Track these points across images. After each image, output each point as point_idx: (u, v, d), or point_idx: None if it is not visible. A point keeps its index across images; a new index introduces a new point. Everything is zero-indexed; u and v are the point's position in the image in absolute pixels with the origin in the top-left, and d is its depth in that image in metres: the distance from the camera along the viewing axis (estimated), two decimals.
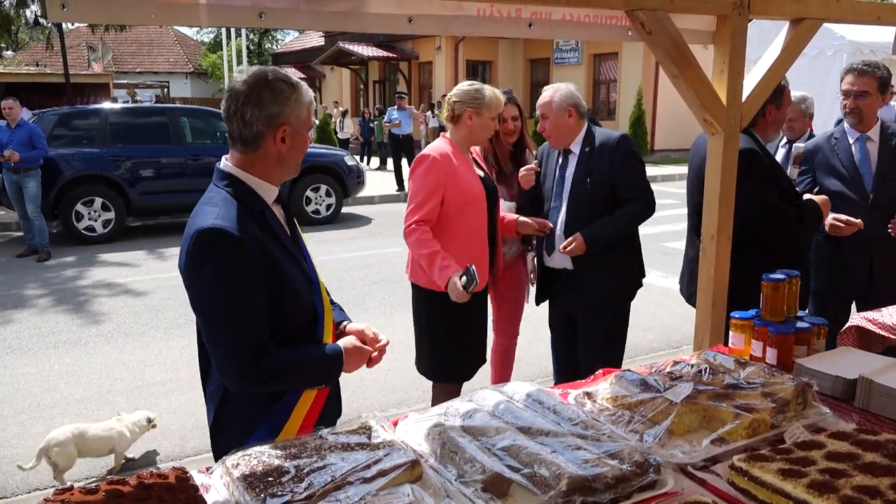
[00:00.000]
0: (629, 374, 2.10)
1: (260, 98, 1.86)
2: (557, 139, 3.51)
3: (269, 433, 1.95)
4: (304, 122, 1.95)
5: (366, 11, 2.25)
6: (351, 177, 12.15)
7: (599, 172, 3.40)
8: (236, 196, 1.90)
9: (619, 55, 22.11)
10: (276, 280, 1.89)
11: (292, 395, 2.01)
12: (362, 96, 29.32)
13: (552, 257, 3.57)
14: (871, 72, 3.56)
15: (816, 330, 2.41)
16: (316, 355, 1.98)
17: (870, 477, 1.52)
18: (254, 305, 1.83)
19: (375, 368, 2.21)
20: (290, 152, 1.95)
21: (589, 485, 1.51)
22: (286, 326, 1.93)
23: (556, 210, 3.52)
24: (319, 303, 2.05)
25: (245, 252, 1.81)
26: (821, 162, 3.65)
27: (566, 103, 3.44)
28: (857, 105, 3.59)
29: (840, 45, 13.13)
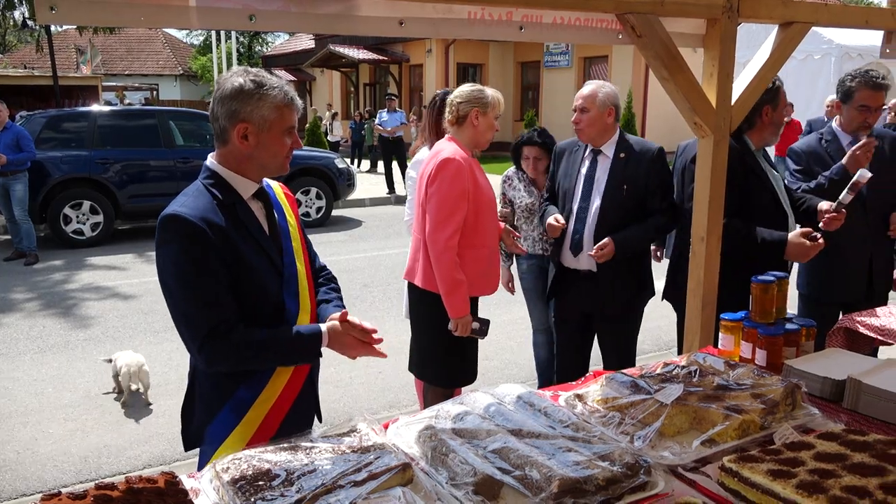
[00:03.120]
0: (620, 376, 2.10)
1: (224, 94, 1.95)
2: (590, 135, 3.47)
3: (228, 423, 2.03)
4: (271, 122, 1.96)
5: (356, 14, 2.25)
6: (341, 179, 12.12)
7: (636, 181, 3.40)
8: (209, 188, 2.00)
9: (609, 58, 22.18)
10: (237, 270, 1.96)
11: (253, 386, 2.05)
12: (353, 99, 29.29)
13: (578, 259, 3.53)
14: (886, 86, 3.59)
15: (805, 331, 2.43)
16: (288, 333, 2.02)
17: (858, 477, 1.52)
18: (216, 285, 1.92)
19: (365, 371, 2.20)
20: (258, 151, 1.99)
21: (580, 486, 1.51)
22: (247, 318, 1.98)
23: (584, 211, 3.50)
24: (291, 301, 2.08)
25: (202, 237, 1.89)
26: (815, 163, 3.67)
27: (609, 102, 3.43)
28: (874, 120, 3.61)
29: (828, 48, 13.24)
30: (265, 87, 1.95)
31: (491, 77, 25.27)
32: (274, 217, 2.14)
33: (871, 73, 3.55)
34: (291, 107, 2.01)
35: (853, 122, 3.59)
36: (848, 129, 3.64)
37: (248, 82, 1.94)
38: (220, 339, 1.91)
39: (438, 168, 3.17)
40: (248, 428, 2.06)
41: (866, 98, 3.52)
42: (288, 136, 2.02)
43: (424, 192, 3.24)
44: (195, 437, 2.14)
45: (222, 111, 1.96)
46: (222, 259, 1.93)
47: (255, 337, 1.95)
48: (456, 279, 3.15)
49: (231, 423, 2.06)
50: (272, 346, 1.99)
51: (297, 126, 2.05)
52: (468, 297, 3.20)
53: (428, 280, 3.26)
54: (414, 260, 3.39)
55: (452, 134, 3.31)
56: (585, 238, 3.46)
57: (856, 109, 3.56)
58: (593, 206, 3.46)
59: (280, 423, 2.10)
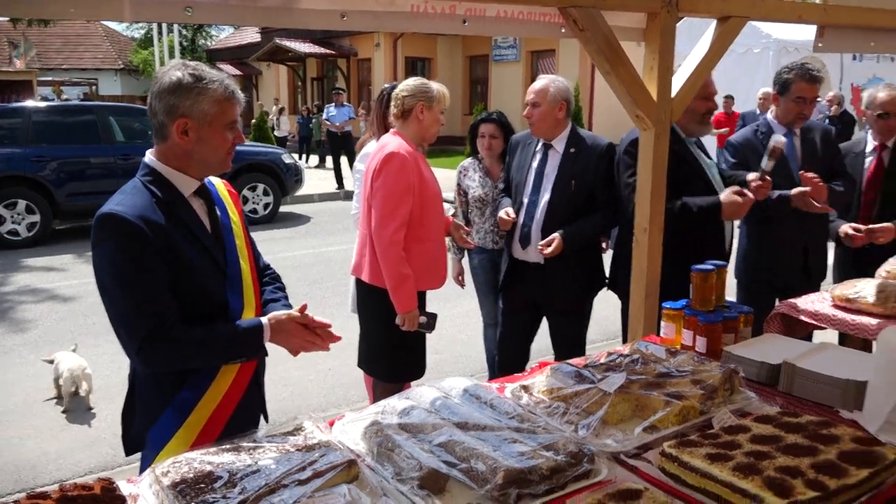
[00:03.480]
0: (564, 366, 2.13)
1: (162, 88, 1.90)
2: (541, 129, 3.51)
3: (170, 425, 1.99)
4: (212, 117, 1.92)
5: (297, 7, 2.21)
6: (289, 175, 11.97)
7: (585, 175, 3.45)
8: (148, 185, 1.94)
9: (557, 52, 22.38)
10: (177, 269, 1.91)
11: (196, 387, 2.01)
12: (300, 93, 28.92)
13: (527, 251, 3.56)
14: (821, 78, 3.70)
15: (743, 318, 2.49)
16: (228, 329, 1.98)
17: (791, 458, 1.57)
18: (154, 284, 1.87)
19: (314, 368, 2.19)
20: (199, 147, 1.94)
21: (524, 477, 1.52)
22: (188, 317, 1.94)
23: (533, 204, 3.53)
24: (235, 299, 2.04)
25: (140, 236, 1.85)
26: (750, 154, 3.77)
27: (561, 96, 3.46)
28: (810, 111, 3.72)
29: (767, 42, 13.62)
30: (205, 80, 1.91)
31: (440, 71, 25.25)
32: (216, 215, 2.10)
33: (807, 66, 3.66)
34: (233, 101, 1.96)
35: (790, 113, 3.69)
36: (784, 120, 3.74)
37: (187, 76, 1.90)
38: (159, 340, 1.86)
39: (383, 162, 3.15)
40: (192, 430, 2.02)
41: (802, 90, 3.62)
42: (230, 130, 1.98)
43: (370, 187, 3.22)
44: (136, 441, 2.09)
45: (161, 106, 1.91)
46: (161, 258, 1.88)
47: (194, 335, 1.91)
48: (402, 274, 3.14)
49: (173, 425, 2.01)
50: (212, 343, 1.95)
51: (238, 121, 2.01)
52: (415, 291, 3.20)
53: (375, 275, 3.25)
54: (360, 255, 3.37)
55: (398, 128, 3.30)
56: (533, 231, 3.50)
57: (792, 101, 3.66)
58: (542, 199, 3.50)
59: (225, 425, 2.06)
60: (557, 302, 3.60)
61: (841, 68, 15.26)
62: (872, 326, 2.82)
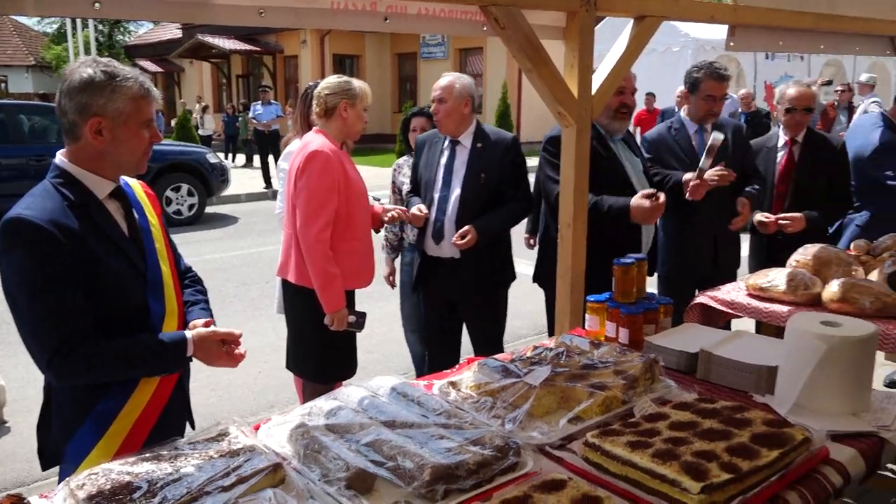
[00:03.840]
0: (491, 361, 2.15)
1: (72, 86, 1.82)
2: (448, 126, 3.54)
3: (90, 437, 1.92)
4: (127, 115, 1.86)
5: (213, 3, 2.16)
6: (214, 175, 11.68)
7: (492, 169, 3.49)
8: (59, 188, 1.86)
9: (484, 50, 22.56)
10: (93, 274, 1.85)
11: (115, 398, 1.94)
12: (225, 91, 28.24)
13: (440, 246, 3.58)
14: (728, 76, 3.84)
15: (663, 309, 2.58)
16: (146, 341, 1.92)
17: (707, 442, 1.64)
18: (66, 293, 1.80)
19: (244, 372, 2.15)
20: (114, 146, 1.87)
21: (452, 472, 1.53)
22: (105, 323, 1.88)
23: (444, 200, 3.56)
24: (156, 303, 1.99)
25: (52, 242, 1.77)
26: (664, 150, 3.89)
27: (465, 92, 3.49)
28: (719, 108, 3.85)
29: (685, 41, 14.09)
30: (118, 77, 1.84)
31: (368, 68, 25.10)
32: (134, 217, 2.03)
33: (715, 65, 3.80)
34: (148, 98, 1.90)
35: (700, 110, 3.83)
36: (695, 118, 3.88)
37: (99, 73, 1.82)
38: (71, 353, 1.79)
39: (306, 161, 3.12)
40: (113, 441, 1.94)
41: (711, 88, 3.76)
42: (146, 129, 1.91)
43: (293, 186, 3.18)
44: (53, 456, 2.01)
45: (71, 105, 1.83)
46: (75, 265, 1.81)
47: (109, 348, 1.84)
48: (329, 273, 3.12)
49: (93, 437, 1.93)
50: (129, 357, 1.88)
51: (155, 118, 1.95)
52: (343, 290, 3.18)
53: (301, 275, 3.21)
54: (286, 255, 3.32)
55: (321, 126, 3.27)
56: (446, 226, 3.53)
57: (702, 99, 3.80)
58: (453, 194, 3.54)
59: (148, 435, 1.99)
60: (471, 297, 3.64)
61: (755, 66, 15.94)
62: (784, 314, 2.94)
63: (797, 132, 3.95)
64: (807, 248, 3.26)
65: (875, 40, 4.52)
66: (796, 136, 3.96)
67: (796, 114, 3.88)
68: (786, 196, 3.94)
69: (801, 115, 3.89)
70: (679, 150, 3.85)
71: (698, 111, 3.84)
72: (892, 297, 2.78)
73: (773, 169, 4.01)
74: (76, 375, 1.85)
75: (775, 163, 4.01)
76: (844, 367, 1.98)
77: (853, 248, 3.49)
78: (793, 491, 1.61)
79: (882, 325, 2.59)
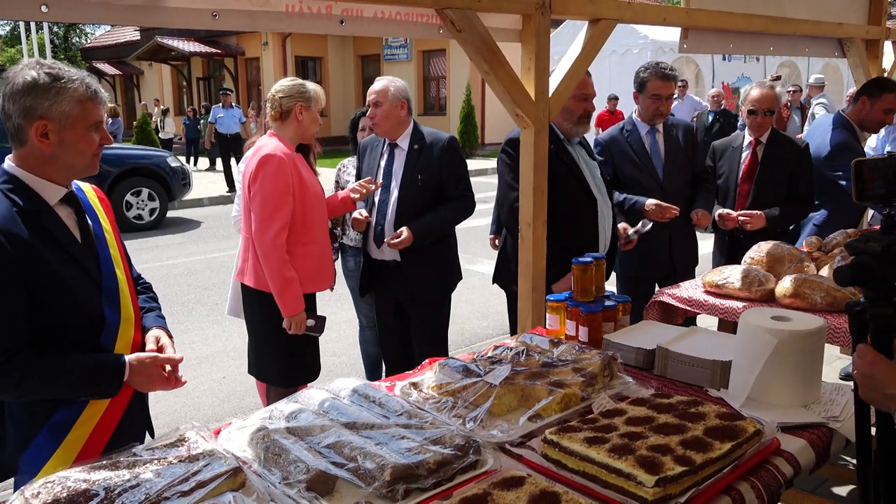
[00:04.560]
0: (453, 361, 2.17)
1: (15, 90, 1.78)
2: (385, 129, 3.55)
3: (45, 447, 1.88)
4: (74, 118, 1.82)
5: (165, 6, 2.14)
6: (175, 179, 11.52)
7: (429, 170, 3.51)
8: (7, 194, 1.82)
9: (448, 52, 22.61)
10: (43, 283, 1.81)
11: (71, 407, 1.91)
12: (185, 94, 27.87)
13: (381, 249, 3.61)
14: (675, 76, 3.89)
15: (622, 307, 2.61)
16: (83, 363, 1.88)
17: (662, 436, 1.68)
18: (3, 309, 1.75)
19: (208, 377, 2.13)
20: (61, 150, 1.84)
21: (412, 472, 1.55)
22: (58, 331, 1.85)
23: (384, 203, 3.58)
24: (110, 310, 1.95)
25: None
26: (617, 152, 3.95)
27: (401, 95, 3.51)
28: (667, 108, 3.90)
29: (644, 43, 14.32)
30: (62, 79, 1.80)
31: (331, 71, 24.99)
32: (87, 223, 1.98)
33: (661, 65, 3.85)
34: (96, 100, 1.86)
35: (648, 110, 3.89)
36: (645, 117, 3.93)
37: (43, 75, 1.78)
38: (2, 369, 1.74)
39: (259, 165, 3.11)
40: (70, 451, 1.91)
41: (657, 88, 3.81)
42: (94, 132, 1.87)
43: (247, 191, 3.16)
44: (8, 467, 1.96)
45: (15, 108, 1.79)
46: (19, 275, 1.76)
47: (40, 367, 1.80)
48: (286, 277, 3.11)
49: (50, 447, 1.90)
50: (61, 377, 1.84)
51: (104, 121, 1.91)
52: (301, 294, 3.17)
53: (259, 279, 3.20)
54: (244, 260, 3.31)
55: (275, 129, 3.26)
56: (386, 229, 3.56)
57: (649, 98, 3.85)
58: (392, 197, 3.56)
59: (107, 443, 1.97)
60: (417, 298, 3.66)
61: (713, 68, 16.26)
62: (739, 310, 3.01)
63: (760, 133, 3.98)
64: (761, 246, 3.34)
65: (823, 42, 4.65)
66: (760, 136, 3.99)
67: (758, 115, 3.91)
68: (748, 195, 3.98)
69: (763, 117, 3.92)
70: (632, 151, 3.90)
71: (647, 111, 3.89)
72: (842, 292, 2.86)
73: (737, 168, 4.04)
74: (6, 391, 1.81)
75: (739, 162, 4.05)
76: (794, 360, 2.03)
77: (805, 244, 3.59)
78: (745, 482, 1.66)
79: (832, 320, 2.66)
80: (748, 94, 3.97)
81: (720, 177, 4.11)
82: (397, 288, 3.67)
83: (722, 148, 4.17)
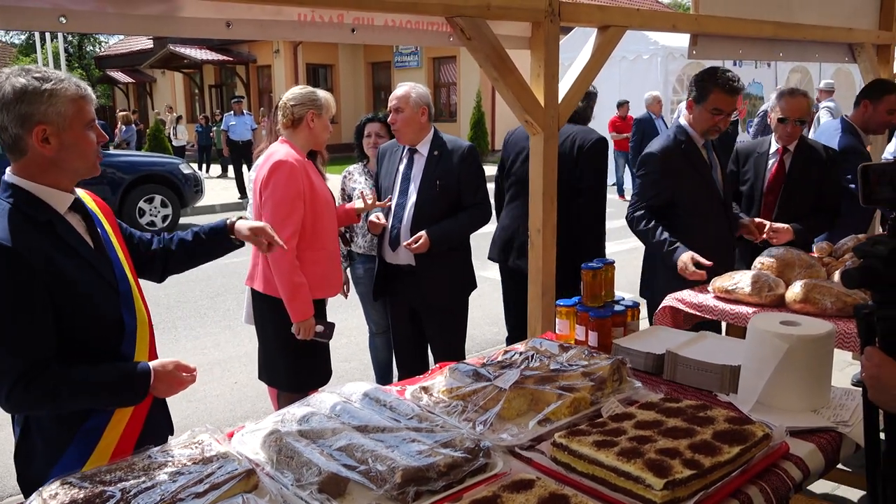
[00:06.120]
0: (463, 366, 2.18)
1: (6, 100, 1.75)
2: (406, 135, 3.59)
3: (78, 457, 1.87)
4: (70, 118, 1.80)
5: (180, 16, 2.18)
6: (188, 186, 11.62)
7: (448, 176, 3.54)
8: (17, 206, 1.80)
9: (458, 59, 22.67)
10: (65, 293, 1.80)
11: (100, 415, 1.92)
12: (198, 101, 28.07)
13: (397, 252, 3.63)
14: (740, 88, 3.51)
15: (631, 312, 2.63)
16: (111, 373, 1.88)
17: (671, 440, 1.69)
18: (30, 322, 1.75)
19: (219, 383, 2.14)
20: (64, 153, 1.82)
21: (423, 474, 1.56)
22: (81, 340, 1.85)
23: (401, 207, 3.61)
24: (129, 316, 1.96)
25: (20, 264, 1.72)
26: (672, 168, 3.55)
27: (422, 101, 3.55)
28: (725, 124, 3.54)
29: (654, 49, 14.29)
30: (52, 81, 1.78)
31: (341, 78, 25.11)
32: (96, 230, 1.99)
33: (729, 76, 3.42)
34: (87, 99, 1.85)
35: (705, 124, 3.45)
36: (698, 129, 3.48)
37: (32, 80, 1.76)
38: (31, 385, 1.74)
39: (271, 171, 3.14)
40: (102, 458, 1.90)
41: (721, 102, 3.39)
42: (90, 130, 1.86)
43: (259, 197, 3.20)
44: (35, 481, 1.95)
45: (10, 118, 1.75)
46: (44, 289, 1.76)
47: (72, 378, 1.81)
48: (296, 283, 3.14)
49: (83, 455, 1.89)
50: (91, 389, 1.85)
51: (95, 120, 1.90)
52: (310, 300, 3.19)
53: (268, 285, 3.23)
54: (254, 265, 3.34)
55: (286, 137, 3.29)
56: (402, 233, 3.58)
57: (709, 112, 3.40)
58: (409, 202, 3.59)
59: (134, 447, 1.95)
60: (430, 303, 3.68)
61: None
62: (749, 315, 3.01)
63: (789, 142, 3.82)
64: (771, 251, 3.33)
65: (834, 47, 4.65)
66: (788, 145, 3.83)
67: (788, 124, 3.74)
68: (774, 206, 3.85)
69: (794, 126, 3.74)
70: (690, 165, 3.47)
71: (703, 124, 3.43)
72: (852, 297, 2.85)
73: (763, 175, 3.88)
74: (34, 405, 1.82)
75: (765, 170, 3.88)
76: (804, 365, 2.04)
77: (816, 249, 3.57)
78: (754, 485, 1.67)
79: (842, 325, 2.66)
80: (778, 102, 3.77)
81: (744, 183, 3.94)
82: (411, 293, 3.68)
83: (746, 152, 3.98)
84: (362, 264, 4.23)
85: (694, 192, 3.43)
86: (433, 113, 3.66)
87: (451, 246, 3.59)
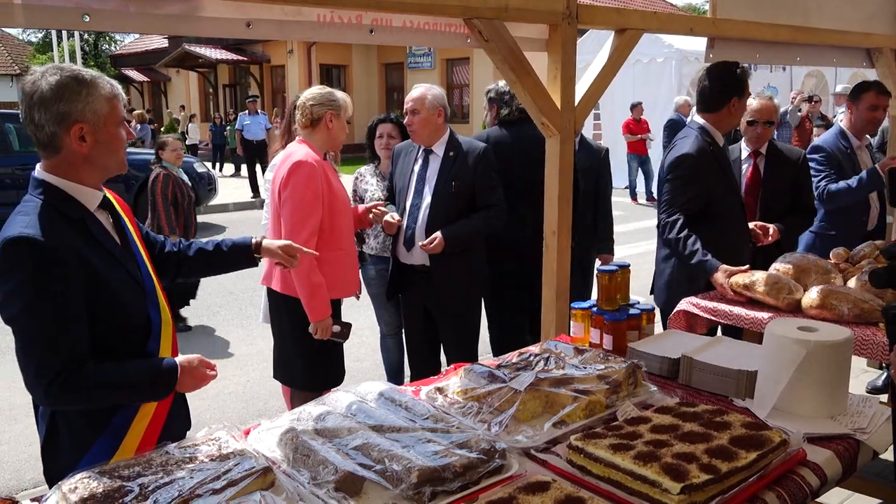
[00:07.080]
0: (478, 367, 2.18)
1: (44, 98, 1.76)
2: (422, 136, 3.59)
3: (105, 451, 1.88)
4: (105, 116, 1.82)
5: (201, 15, 2.19)
6: (201, 184, 11.65)
7: (463, 177, 3.55)
8: (51, 203, 1.81)
9: (471, 60, 22.68)
10: (96, 291, 1.81)
11: (127, 410, 1.93)
12: (212, 100, 28.22)
13: (411, 253, 3.63)
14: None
15: (646, 315, 2.62)
16: (141, 370, 1.90)
17: (688, 444, 1.68)
18: (67, 318, 1.75)
19: (233, 381, 2.16)
20: (97, 150, 1.83)
21: (438, 475, 1.57)
22: (110, 338, 1.86)
23: (416, 208, 3.61)
24: (155, 313, 1.98)
25: (57, 261, 1.73)
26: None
27: (438, 103, 3.55)
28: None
29: (669, 52, 14.24)
30: (88, 80, 1.80)
31: (355, 78, 25.18)
32: (123, 227, 2.01)
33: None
34: (119, 97, 1.88)
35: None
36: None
37: (68, 79, 1.77)
38: (68, 381, 1.75)
39: (291, 171, 3.14)
40: (128, 452, 1.91)
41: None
42: (122, 128, 1.88)
43: (278, 197, 3.21)
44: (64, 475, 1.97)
45: (47, 116, 1.76)
46: (79, 286, 1.77)
47: (107, 375, 1.82)
48: (314, 282, 3.14)
49: (110, 449, 1.90)
50: (125, 384, 1.87)
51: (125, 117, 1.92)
52: (328, 300, 3.20)
53: (286, 284, 3.24)
54: (271, 264, 3.35)
55: (304, 137, 3.30)
56: (417, 233, 3.58)
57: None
58: (424, 202, 3.60)
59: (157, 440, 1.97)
60: (445, 304, 3.68)
61: None
62: (765, 321, 2.99)
63: (759, 145, 3.90)
64: (786, 257, 3.31)
65: (851, 52, 4.61)
66: (759, 147, 3.91)
67: (757, 126, 3.84)
68: (755, 209, 3.88)
69: (763, 128, 3.84)
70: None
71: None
72: (869, 303, 2.83)
73: (739, 181, 3.90)
74: (71, 403, 1.83)
75: (741, 175, 3.93)
76: (821, 370, 2.03)
77: (832, 255, 3.54)
78: (771, 492, 1.66)
79: (859, 331, 2.64)
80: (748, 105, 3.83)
81: None
82: (425, 293, 3.69)
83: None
84: (374, 265, 4.23)
85: (722, 193, 3.45)
86: (449, 114, 3.66)
87: (466, 247, 3.59)
